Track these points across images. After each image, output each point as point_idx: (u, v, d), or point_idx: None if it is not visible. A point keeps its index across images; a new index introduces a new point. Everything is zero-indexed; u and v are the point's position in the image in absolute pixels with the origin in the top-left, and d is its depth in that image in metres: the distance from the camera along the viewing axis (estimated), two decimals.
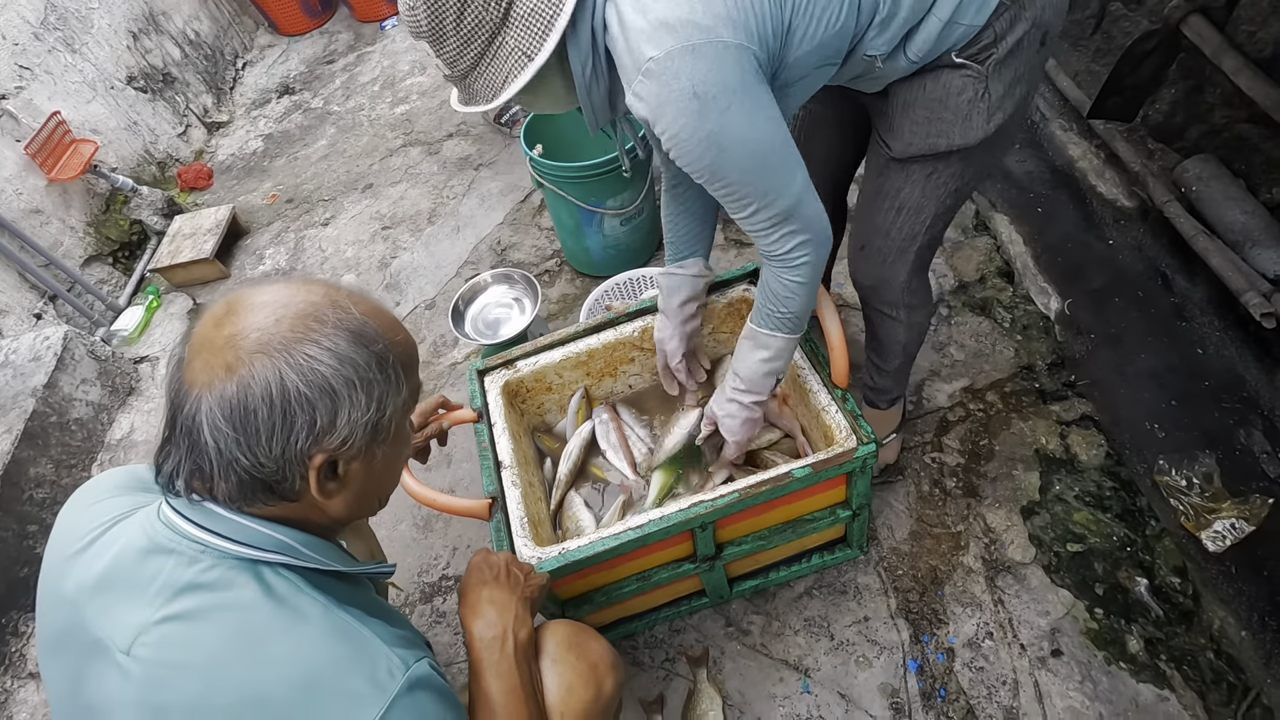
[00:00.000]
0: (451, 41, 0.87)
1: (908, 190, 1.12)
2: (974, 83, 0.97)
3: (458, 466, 1.88)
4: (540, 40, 0.85)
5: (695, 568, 1.32)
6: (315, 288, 0.72)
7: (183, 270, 2.64)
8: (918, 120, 1.04)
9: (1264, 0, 1.44)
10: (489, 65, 0.89)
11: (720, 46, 0.82)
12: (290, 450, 0.67)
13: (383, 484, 0.80)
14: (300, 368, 0.66)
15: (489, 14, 0.84)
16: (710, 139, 0.87)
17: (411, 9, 0.85)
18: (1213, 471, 1.43)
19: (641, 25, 0.82)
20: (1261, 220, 1.51)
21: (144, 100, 3.13)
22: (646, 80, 0.84)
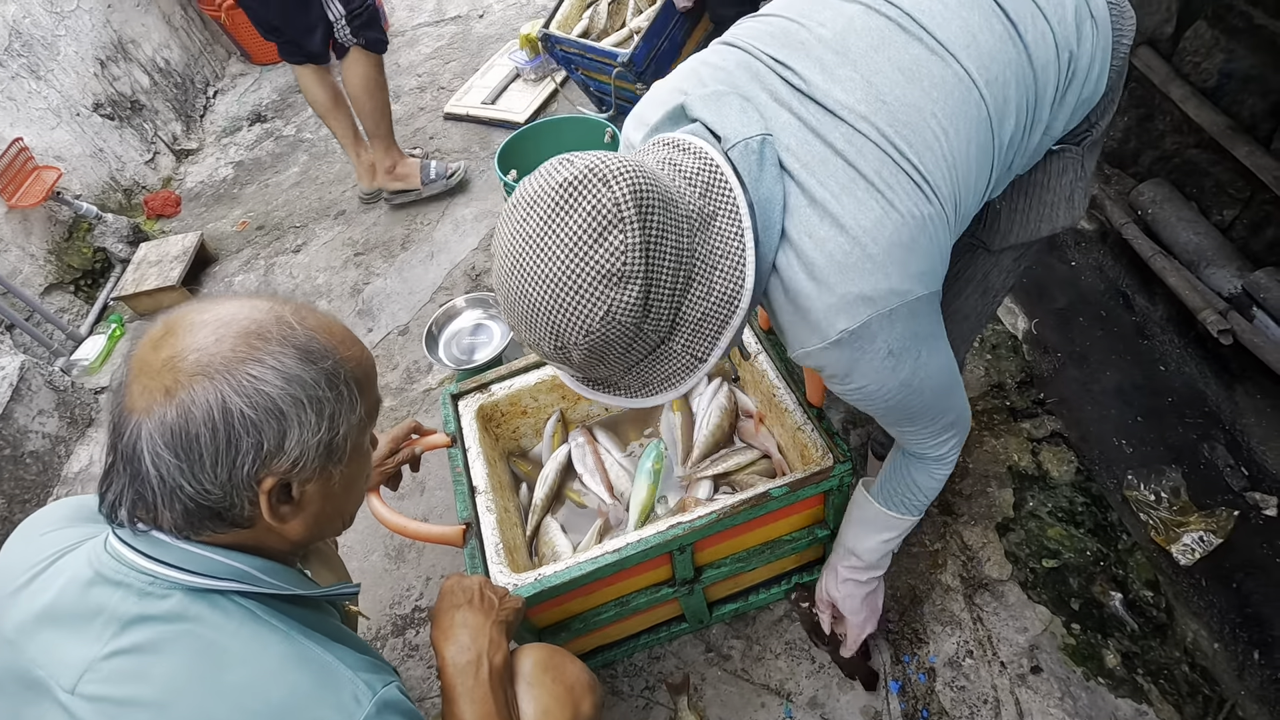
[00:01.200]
0: (606, 368, 0.73)
1: (995, 275, 1.07)
2: (1074, 163, 0.93)
3: (431, 494, 1.85)
4: (713, 342, 0.74)
5: (674, 591, 1.30)
6: (259, 303, 0.69)
7: (148, 298, 2.58)
8: (1018, 210, 0.97)
9: (1206, 33, 1.51)
10: (644, 368, 0.75)
11: (915, 303, 0.76)
12: (237, 476, 0.64)
13: (344, 504, 0.77)
14: (244, 389, 0.63)
15: (658, 334, 0.71)
16: (902, 386, 0.82)
17: (560, 350, 0.69)
18: (1179, 485, 1.46)
19: (830, 302, 0.74)
20: (1214, 241, 1.56)
21: (111, 127, 3.09)
22: (835, 349, 0.77)
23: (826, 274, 0.73)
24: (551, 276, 0.66)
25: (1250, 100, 1.45)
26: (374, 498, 1.23)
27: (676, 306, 0.71)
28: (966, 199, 0.80)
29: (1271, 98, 1.41)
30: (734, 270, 0.72)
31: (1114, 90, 0.90)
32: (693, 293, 0.71)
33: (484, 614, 0.93)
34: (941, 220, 0.77)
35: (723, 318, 0.74)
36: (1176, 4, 1.57)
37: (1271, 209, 1.47)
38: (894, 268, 0.74)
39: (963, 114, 0.76)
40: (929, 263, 0.77)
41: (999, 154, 0.81)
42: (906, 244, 0.74)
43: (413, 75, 3.44)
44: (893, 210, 0.73)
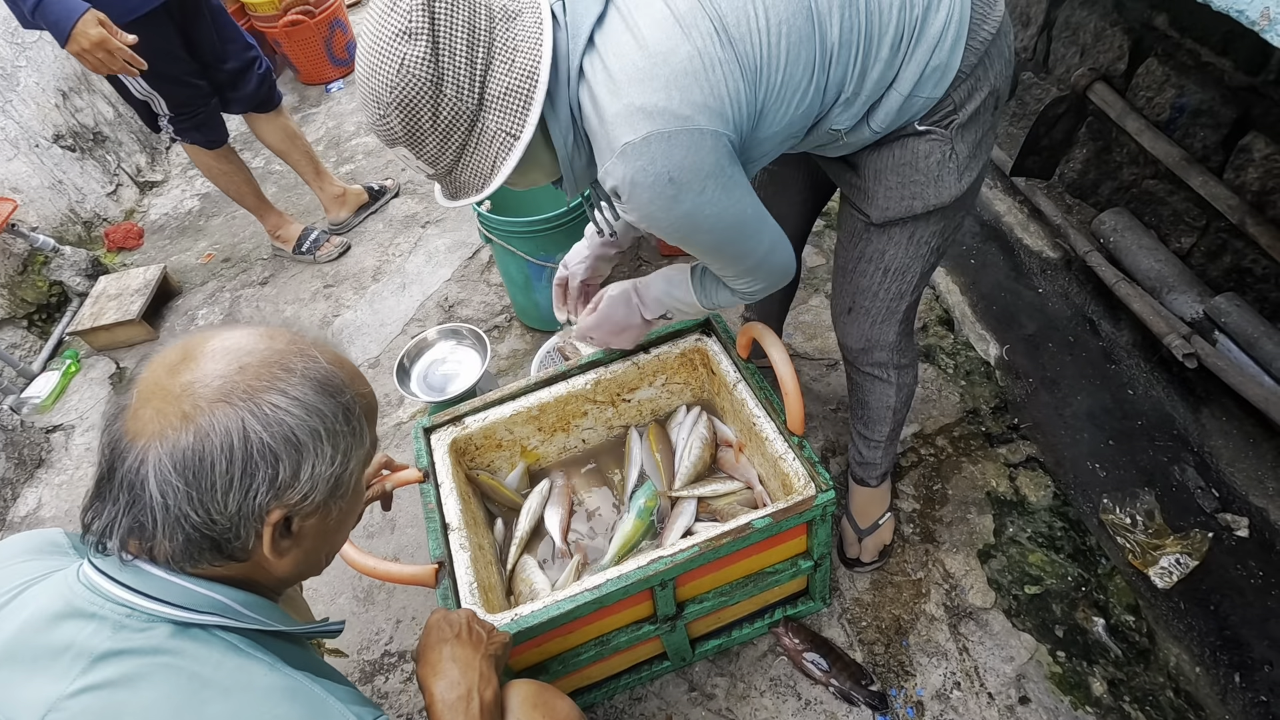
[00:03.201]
0: (430, 140, 0.85)
1: (892, 252, 1.14)
2: (940, 145, 1.00)
3: (402, 532, 1.78)
4: (522, 117, 0.84)
5: (656, 629, 1.26)
6: (279, 334, 0.69)
7: (106, 333, 2.50)
8: (891, 186, 1.06)
9: (1157, 70, 1.58)
10: (473, 154, 0.87)
11: (696, 134, 0.83)
12: (248, 506, 0.63)
13: (333, 541, 0.77)
14: (265, 417, 0.62)
15: (464, 103, 0.82)
16: (685, 218, 0.89)
17: (383, 117, 0.83)
18: (1154, 508, 1.48)
19: (617, 109, 0.83)
20: (1174, 267, 1.61)
21: (72, 159, 3.02)
22: (620, 162, 0.85)
23: (619, 81, 0.83)
24: (366, 49, 0.81)
25: (1202, 133, 1.51)
26: None
27: (479, 79, 0.82)
28: (772, 75, 0.87)
29: (1222, 130, 1.46)
30: (533, 50, 0.83)
31: (977, 75, 0.96)
32: (495, 70, 0.83)
33: (473, 648, 0.90)
34: (733, 68, 0.84)
35: (526, 90, 0.83)
36: (1128, 42, 1.64)
37: (1227, 236, 1.52)
38: (677, 91, 0.82)
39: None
40: (714, 100, 0.84)
41: (821, 51, 0.89)
42: (693, 74, 0.82)
43: None
44: (687, 42, 0.83)
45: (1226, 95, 1.45)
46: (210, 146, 2.32)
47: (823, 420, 1.81)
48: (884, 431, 1.38)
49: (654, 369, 1.50)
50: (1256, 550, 1.38)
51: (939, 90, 0.95)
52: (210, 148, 2.33)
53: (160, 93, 2.12)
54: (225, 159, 2.39)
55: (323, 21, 3.48)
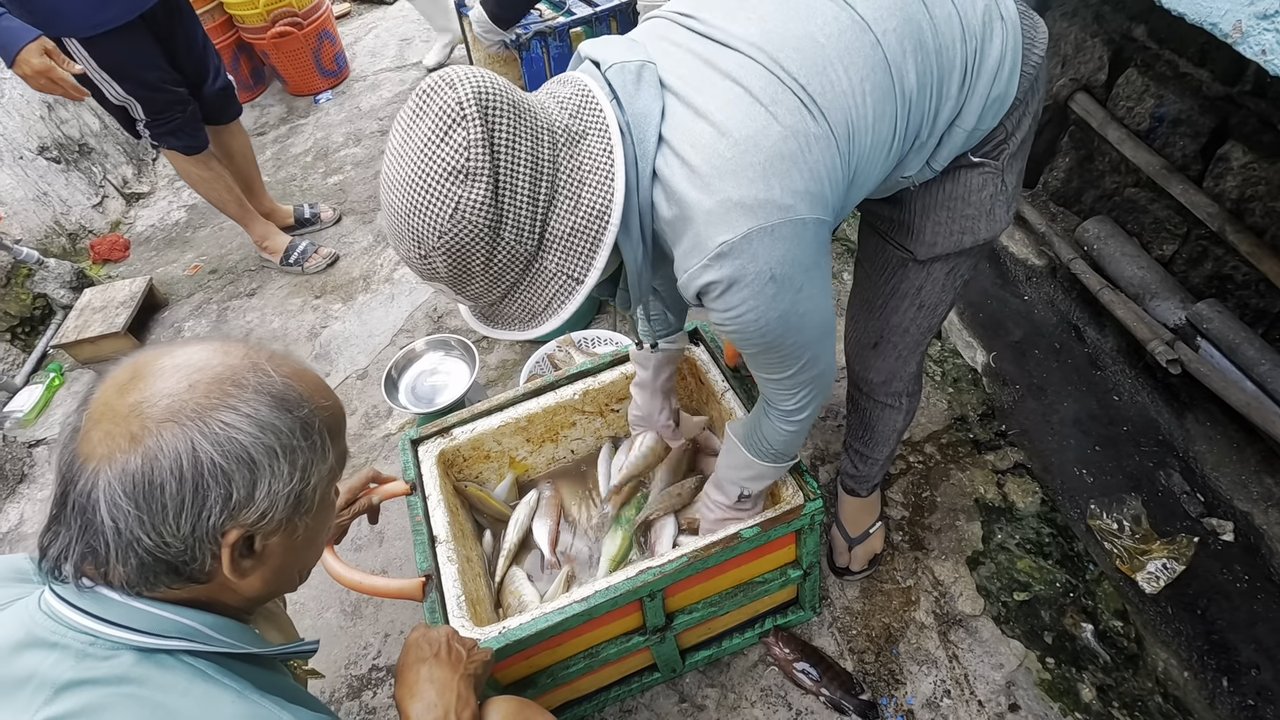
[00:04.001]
0: (478, 282, 0.75)
1: (929, 288, 1.09)
2: (993, 178, 0.96)
3: (390, 545, 1.77)
4: (588, 260, 0.76)
5: (646, 640, 1.26)
6: (233, 349, 0.67)
7: (90, 346, 2.47)
8: (940, 221, 1.00)
9: (1137, 80, 1.60)
10: (524, 292, 0.77)
11: (800, 225, 0.75)
12: (201, 527, 0.61)
13: (304, 557, 0.74)
14: (216, 437, 0.60)
15: (523, 246, 0.73)
16: (781, 319, 0.81)
17: (425, 258, 0.72)
18: (1140, 513, 1.48)
19: (709, 207, 0.73)
20: (1157, 274, 1.63)
21: (56, 171, 3.00)
22: (717, 263, 0.75)
23: (707, 176, 0.73)
24: (406, 180, 0.70)
25: (1181, 142, 1.53)
26: (328, 552, 1.17)
27: (540, 218, 0.73)
28: (862, 138, 0.80)
29: (1200, 139, 1.48)
30: (603, 184, 0.73)
31: (1027, 100, 0.93)
32: (558, 206, 0.73)
33: (451, 668, 0.89)
34: (829, 143, 0.77)
35: (594, 232, 0.75)
36: (1108, 53, 1.67)
37: (1207, 244, 1.54)
38: (776, 179, 0.74)
39: (857, 51, 0.78)
40: (814, 184, 0.76)
41: (902, 103, 0.82)
42: (789, 157, 0.74)
43: (374, 119, 3.44)
44: (775, 123, 0.74)
45: (1204, 105, 1.47)
46: (189, 152, 2.31)
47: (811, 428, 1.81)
48: (884, 452, 1.38)
49: None
50: (1241, 554, 1.39)
51: (995, 121, 0.91)
52: (189, 154, 2.31)
53: (136, 98, 2.12)
54: (205, 165, 2.37)
55: (311, 33, 3.48)
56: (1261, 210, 1.38)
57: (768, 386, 0.98)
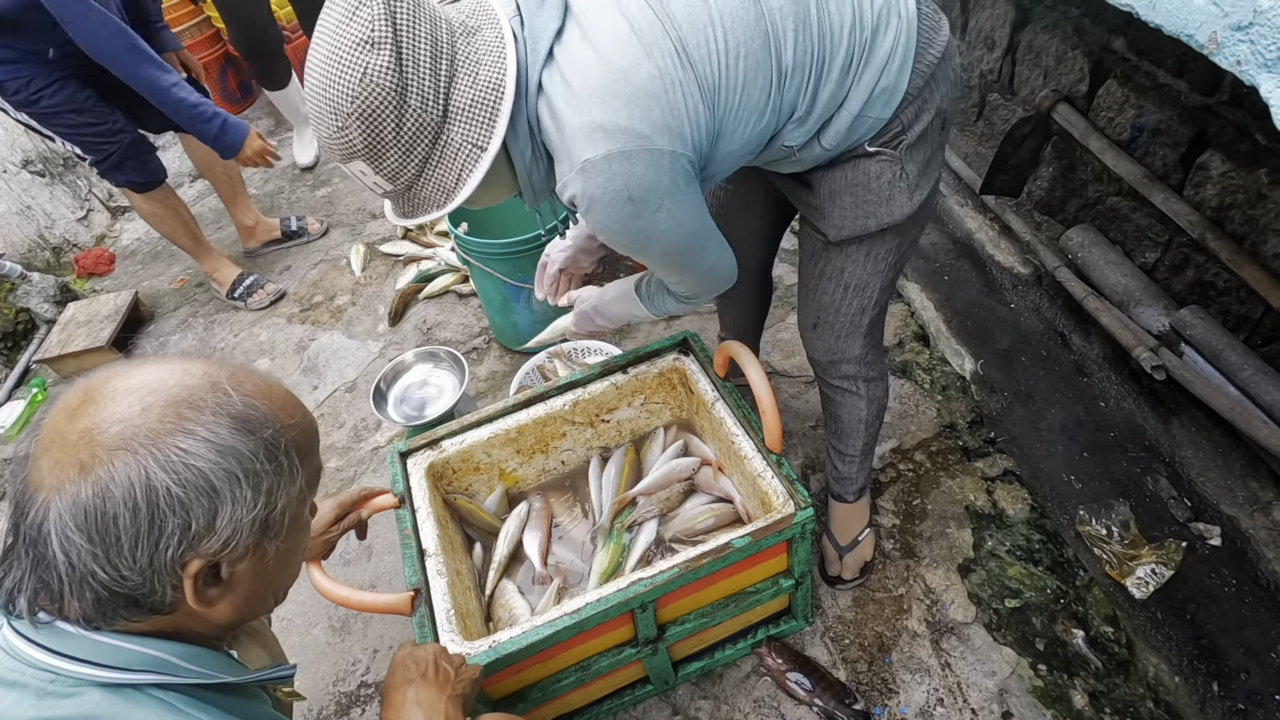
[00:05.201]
0: (392, 153, 0.82)
1: (850, 269, 1.16)
2: (890, 166, 1.03)
3: (379, 559, 1.75)
4: (489, 129, 0.83)
5: (637, 652, 1.25)
6: (192, 367, 0.63)
7: (74, 360, 2.44)
8: (845, 206, 1.08)
9: (1117, 91, 1.62)
10: (436, 168, 0.85)
11: (655, 154, 0.85)
12: (159, 560, 0.58)
13: (278, 580, 0.71)
14: (171, 464, 0.57)
15: (429, 114, 0.81)
16: (639, 233, 0.92)
17: (342, 129, 0.79)
18: (1128, 519, 1.49)
19: (578, 124, 0.83)
20: (1140, 282, 1.65)
21: (41, 184, 2.98)
22: (580, 177, 0.86)
23: (580, 96, 0.83)
24: (322, 58, 0.78)
25: (1161, 151, 1.55)
26: (315, 568, 1.16)
27: (443, 91, 0.81)
28: (730, 96, 0.89)
29: (1180, 149, 1.51)
30: (496, 63, 0.83)
31: (924, 96, 0.99)
32: (458, 82, 0.82)
33: (439, 688, 0.87)
34: (693, 89, 0.86)
35: (492, 102, 0.83)
36: (1089, 64, 1.69)
37: (1189, 251, 1.56)
38: (638, 110, 0.83)
39: (741, 20, 0.87)
40: (674, 121, 0.85)
41: (777, 74, 0.91)
42: (653, 94, 0.83)
43: None
44: (649, 61, 0.83)
45: (1183, 115, 1.49)
46: (139, 189, 2.29)
47: (801, 438, 1.81)
48: (858, 445, 1.38)
49: (632, 389, 1.50)
50: (1229, 559, 1.40)
51: (887, 111, 0.98)
52: (138, 190, 2.29)
53: (72, 142, 2.13)
54: (156, 202, 2.35)
55: (299, 47, 3.47)
56: (1241, 218, 1.41)
57: (660, 275, 1.12)
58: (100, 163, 2.18)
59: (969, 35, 2.14)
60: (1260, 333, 1.46)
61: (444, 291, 2.45)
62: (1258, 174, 1.35)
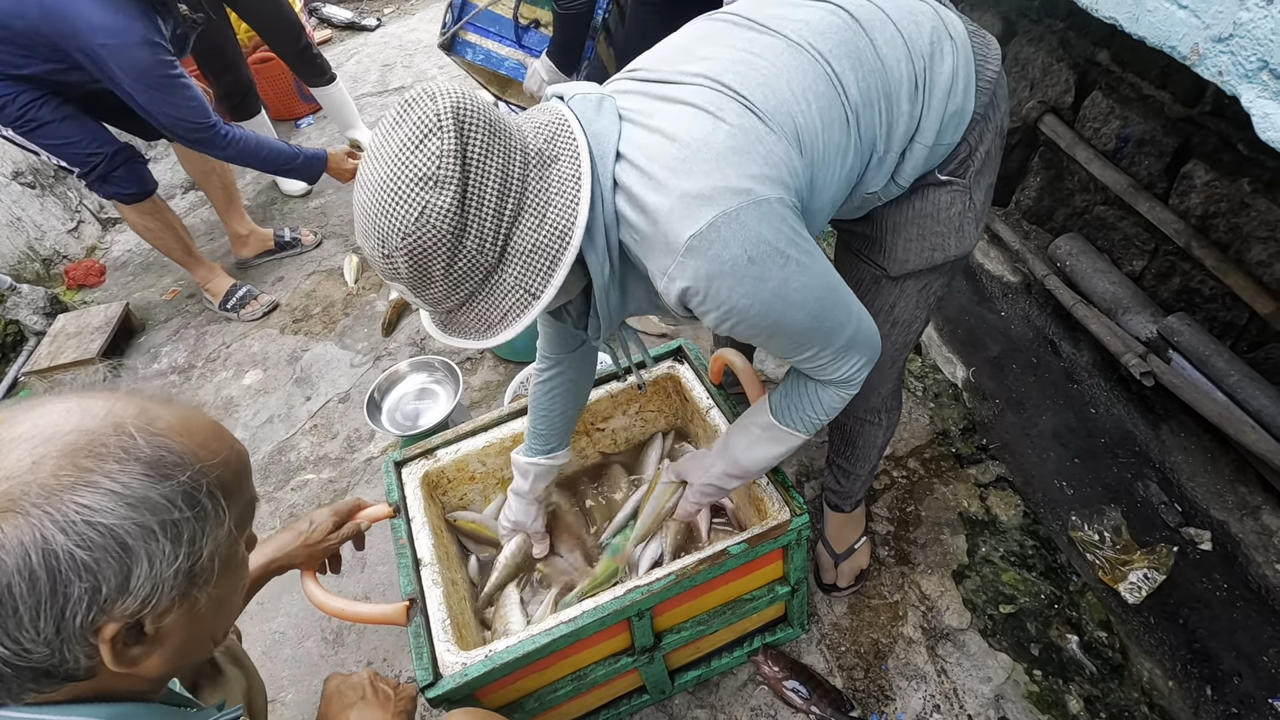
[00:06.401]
0: (437, 287, 0.75)
1: (902, 305, 1.12)
2: (960, 196, 0.99)
3: (373, 569, 1.74)
4: (546, 277, 0.76)
5: (634, 661, 1.24)
6: (92, 406, 0.56)
7: (64, 372, 2.43)
8: (911, 238, 1.03)
9: (1102, 102, 1.65)
10: (481, 302, 0.78)
11: (764, 204, 0.77)
12: (67, 629, 0.52)
13: (214, 624, 0.65)
14: (71, 524, 0.51)
15: (485, 257, 0.74)
16: (775, 298, 0.80)
17: (388, 257, 0.73)
18: (1120, 524, 1.50)
19: (670, 204, 0.75)
20: (1128, 289, 1.67)
21: (31, 196, 2.96)
22: (689, 258, 0.76)
23: (663, 179, 0.76)
24: (379, 181, 0.71)
25: (1146, 161, 1.58)
26: (309, 580, 1.15)
27: (504, 232, 0.74)
28: (814, 140, 0.83)
29: (1164, 158, 1.53)
30: (568, 206, 0.76)
31: (987, 115, 0.97)
32: (523, 223, 0.75)
33: (382, 707, 0.86)
34: (779, 139, 0.80)
35: (555, 251, 0.76)
36: (1074, 76, 1.72)
37: (1175, 259, 1.58)
38: (729, 168, 0.76)
39: (796, 66, 0.83)
40: (770, 169, 0.79)
41: (850, 111, 0.86)
42: (741, 149, 0.77)
43: None
44: (724, 124, 0.78)
45: (1167, 126, 1.52)
46: (128, 201, 2.29)
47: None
48: (866, 467, 1.39)
49: (627, 397, 1.51)
50: (1220, 563, 1.41)
51: (957, 135, 0.95)
52: (128, 202, 2.29)
53: (57, 155, 2.13)
54: (146, 214, 2.35)
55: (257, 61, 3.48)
56: (1225, 226, 1.43)
57: (812, 369, 0.96)
58: (86, 175, 2.18)
59: None
60: (1246, 339, 1.48)
61: None
62: (1240, 183, 1.38)
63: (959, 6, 2.00)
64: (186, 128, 2.02)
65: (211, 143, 2.08)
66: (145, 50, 1.85)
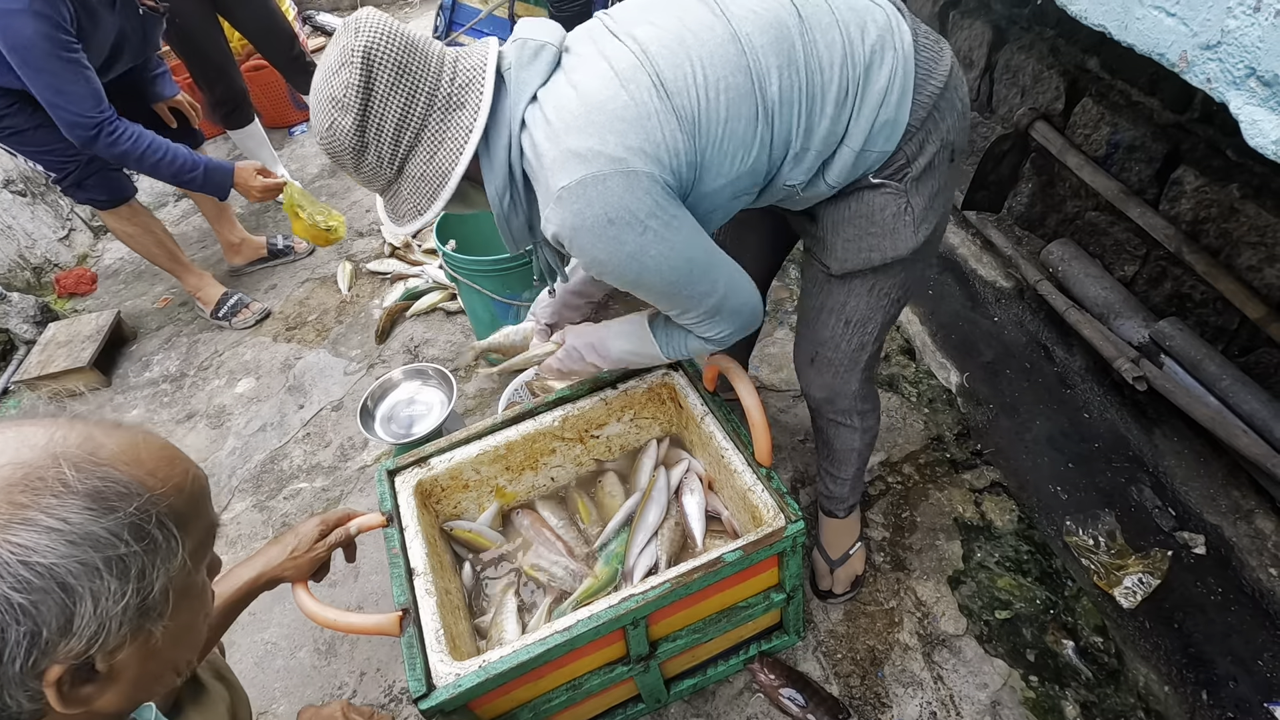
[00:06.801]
0: (356, 177, 0.94)
1: (853, 304, 1.14)
2: (895, 199, 1.01)
3: (366, 579, 1.73)
4: (430, 201, 0.92)
5: (629, 670, 1.23)
6: (30, 435, 0.52)
7: (55, 381, 2.41)
8: (849, 238, 1.06)
9: (1093, 109, 1.66)
10: (390, 200, 0.95)
11: (631, 175, 0.85)
12: (7, 673, 0.49)
13: (175, 655, 0.61)
14: (6, 567, 0.47)
15: (383, 170, 0.92)
16: (630, 260, 0.90)
17: (320, 141, 0.91)
18: (1115, 529, 1.51)
19: (554, 154, 0.86)
20: (1119, 294, 1.68)
21: (22, 204, 2.95)
22: (558, 207, 0.87)
23: (557, 129, 0.87)
24: (313, 87, 0.90)
25: (1137, 167, 1.59)
26: (301, 590, 1.14)
27: (401, 156, 0.91)
28: (712, 129, 0.90)
29: (1154, 164, 1.55)
30: (455, 151, 0.89)
31: (927, 128, 0.98)
32: (417, 154, 0.91)
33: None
34: (670, 118, 0.87)
35: (437, 184, 0.91)
36: (1064, 83, 1.74)
37: (1166, 264, 1.59)
38: (611, 135, 0.85)
39: (721, 55, 0.90)
40: (650, 145, 0.86)
41: (762, 108, 0.92)
42: (629, 119, 0.86)
43: None
44: (624, 93, 0.87)
45: (1157, 132, 1.53)
46: (103, 207, 2.27)
47: (791, 451, 1.82)
48: (849, 471, 1.39)
49: (622, 405, 1.50)
50: (1214, 567, 1.42)
51: (890, 144, 0.97)
52: (103, 208, 2.27)
53: (36, 160, 2.12)
54: (125, 219, 2.33)
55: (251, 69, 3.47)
56: (1215, 231, 1.44)
57: (677, 319, 1.08)
58: (62, 180, 2.17)
59: None
60: (1237, 343, 1.48)
61: (432, 309, 2.45)
62: (1230, 188, 1.39)
63: (955, 11, 2.02)
64: (67, 118, 1.85)
65: (94, 140, 1.91)
66: (30, 21, 1.70)
